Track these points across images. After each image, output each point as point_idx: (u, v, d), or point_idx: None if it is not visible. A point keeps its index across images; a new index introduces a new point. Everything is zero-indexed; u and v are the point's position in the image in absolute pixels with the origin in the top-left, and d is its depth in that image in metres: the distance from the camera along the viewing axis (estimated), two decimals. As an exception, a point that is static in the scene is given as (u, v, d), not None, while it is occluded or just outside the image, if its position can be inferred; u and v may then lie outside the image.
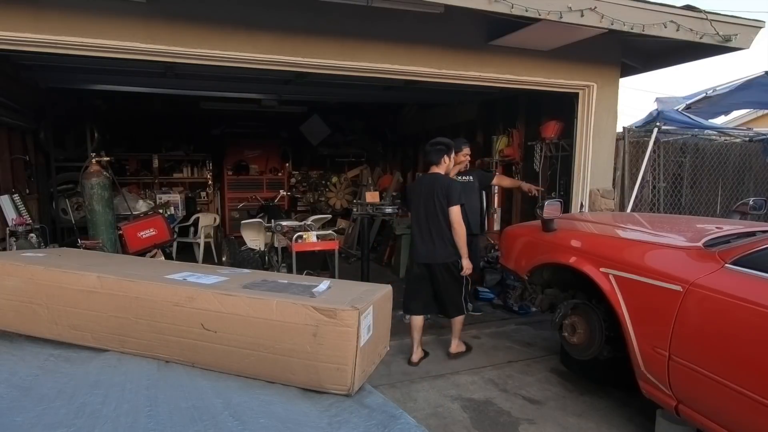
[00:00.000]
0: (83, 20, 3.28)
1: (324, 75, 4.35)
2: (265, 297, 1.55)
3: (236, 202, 9.09)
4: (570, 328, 3.17)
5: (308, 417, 1.34)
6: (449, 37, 4.22)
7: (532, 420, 2.95)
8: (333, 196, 9.49)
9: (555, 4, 3.54)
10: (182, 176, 9.59)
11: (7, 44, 3.22)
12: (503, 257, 4.10)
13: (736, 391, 2.03)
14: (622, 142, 5.09)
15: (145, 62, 3.83)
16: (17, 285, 1.75)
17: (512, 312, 4.94)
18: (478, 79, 4.50)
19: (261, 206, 7.16)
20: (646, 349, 2.51)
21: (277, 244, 5.02)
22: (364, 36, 3.98)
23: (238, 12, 3.60)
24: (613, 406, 3.11)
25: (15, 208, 4.55)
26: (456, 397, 3.21)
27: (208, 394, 1.41)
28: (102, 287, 1.67)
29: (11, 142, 5.06)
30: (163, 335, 1.61)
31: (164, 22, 3.46)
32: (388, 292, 1.80)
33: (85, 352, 1.68)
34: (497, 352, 3.98)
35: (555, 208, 3.55)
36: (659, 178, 5.34)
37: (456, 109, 7.52)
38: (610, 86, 4.96)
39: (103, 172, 4.47)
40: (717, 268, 2.31)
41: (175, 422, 1.22)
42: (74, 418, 1.21)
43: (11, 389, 1.36)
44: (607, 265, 2.81)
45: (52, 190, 6.19)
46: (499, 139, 6.42)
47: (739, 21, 4.20)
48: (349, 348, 1.45)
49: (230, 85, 5.97)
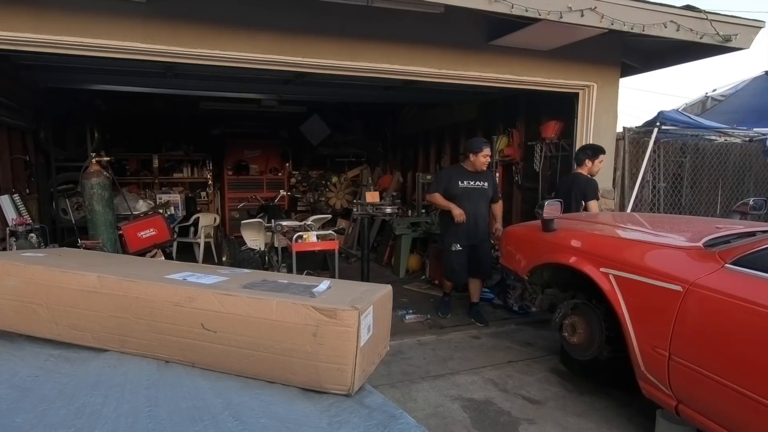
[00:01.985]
0: (83, 20, 3.28)
1: (324, 75, 4.35)
2: (265, 297, 1.55)
3: (236, 202, 9.09)
4: (570, 328, 3.18)
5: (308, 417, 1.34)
6: (449, 37, 4.22)
7: (532, 420, 2.95)
8: (333, 196, 9.49)
9: (555, 4, 3.54)
10: (182, 176, 9.60)
11: (7, 44, 3.23)
12: (503, 257, 4.10)
13: (736, 391, 2.03)
14: (622, 142, 5.09)
15: (145, 62, 3.83)
16: (17, 285, 1.75)
17: (512, 312, 4.93)
18: (478, 79, 4.50)
19: (261, 206, 7.17)
20: (646, 349, 2.51)
21: (277, 244, 5.02)
22: (364, 36, 3.99)
23: (238, 12, 3.60)
24: (613, 406, 3.11)
25: (15, 208, 4.55)
26: (456, 397, 3.21)
27: (208, 394, 1.41)
28: (102, 287, 1.67)
29: (11, 142, 5.06)
30: (163, 335, 1.61)
31: (164, 22, 3.46)
32: (388, 292, 1.80)
33: (85, 352, 1.68)
34: (497, 352, 3.97)
35: (555, 208, 3.55)
36: (659, 178, 5.34)
37: (456, 109, 7.51)
38: (610, 86, 4.96)
39: (103, 172, 4.47)
40: (717, 268, 2.31)
41: (175, 422, 1.22)
42: (74, 418, 1.21)
43: (11, 390, 1.36)
44: (607, 265, 2.80)
45: (52, 190, 6.19)
46: (499, 139, 6.42)
47: (739, 21, 4.20)
48: (349, 348, 1.45)
49: (230, 85, 5.97)
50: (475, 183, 4.43)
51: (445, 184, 4.48)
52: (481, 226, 4.48)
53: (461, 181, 4.41)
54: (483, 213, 4.48)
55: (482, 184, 4.46)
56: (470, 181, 4.43)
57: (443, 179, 4.58)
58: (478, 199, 4.45)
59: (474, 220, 4.41)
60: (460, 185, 4.41)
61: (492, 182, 4.58)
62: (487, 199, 4.52)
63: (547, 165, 5.62)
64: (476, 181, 4.44)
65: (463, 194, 4.39)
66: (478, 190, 4.45)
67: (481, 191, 4.47)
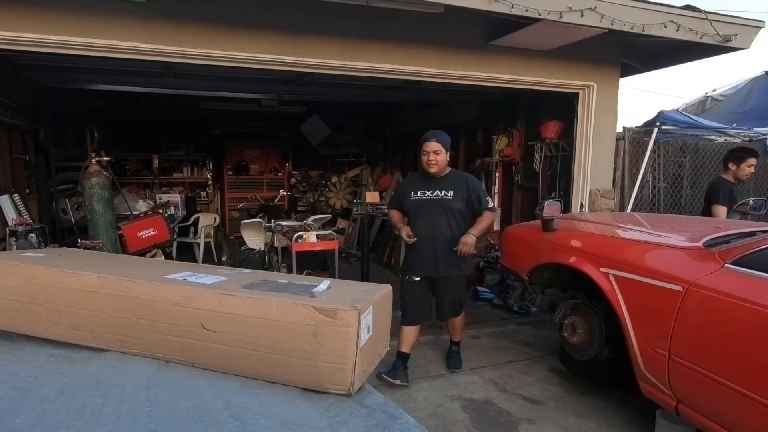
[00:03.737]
0: (83, 20, 3.28)
1: (324, 75, 4.35)
2: (265, 297, 1.55)
3: (236, 202, 9.09)
4: (570, 328, 3.18)
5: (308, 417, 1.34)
6: (449, 37, 4.22)
7: (532, 420, 2.95)
8: (333, 196, 9.49)
9: (555, 4, 3.54)
10: (182, 176, 9.60)
11: (7, 44, 3.22)
12: (503, 257, 4.10)
13: (736, 391, 2.03)
14: (622, 142, 5.09)
15: (145, 62, 3.83)
16: (17, 285, 1.75)
17: (512, 312, 4.94)
18: (478, 79, 4.50)
19: (261, 206, 7.17)
20: (646, 349, 2.51)
21: (277, 244, 5.02)
22: (364, 36, 3.98)
23: (238, 12, 3.60)
24: (613, 406, 3.11)
25: (15, 208, 4.55)
26: (456, 397, 3.21)
27: (208, 394, 1.41)
28: (102, 287, 1.67)
29: (11, 142, 5.06)
30: (163, 335, 1.61)
31: (164, 22, 3.46)
32: (388, 292, 1.80)
33: (85, 352, 1.68)
34: (497, 352, 3.98)
35: (555, 208, 3.55)
36: (659, 178, 5.34)
37: (456, 109, 7.52)
38: (610, 86, 4.96)
39: (103, 172, 4.47)
40: (717, 268, 2.31)
41: (175, 423, 1.22)
42: (74, 418, 1.21)
43: (11, 390, 1.36)
44: (607, 265, 2.81)
45: (52, 190, 6.19)
46: (499, 139, 6.42)
47: (739, 21, 4.20)
48: (349, 348, 1.45)
49: (230, 85, 5.96)
50: (432, 193, 3.23)
51: (401, 198, 3.42)
52: (444, 251, 3.19)
53: (413, 192, 3.29)
54: (447, 233, 3.19)
55: (443, 193, 3.22)
56: (426, 190, 3.26)
57: (399, 192, 3.55)
58: (437, 215, 3.21)
59: (430, 244, 3.20)
60: (412, 197, 3.28)
61: (465, 189, 3.25)
62: (454, 214, 3.21)
63: (547, 165, 5.62)
64: (434, 191, 3.23)
65: (415, 208, 3.28)
66: (436, 201, 3.22)
67: (441, 203, 3.21)
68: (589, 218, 3.96)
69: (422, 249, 3.23)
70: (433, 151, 3.17)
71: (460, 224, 3.23)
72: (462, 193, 3.24)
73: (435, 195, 3.23)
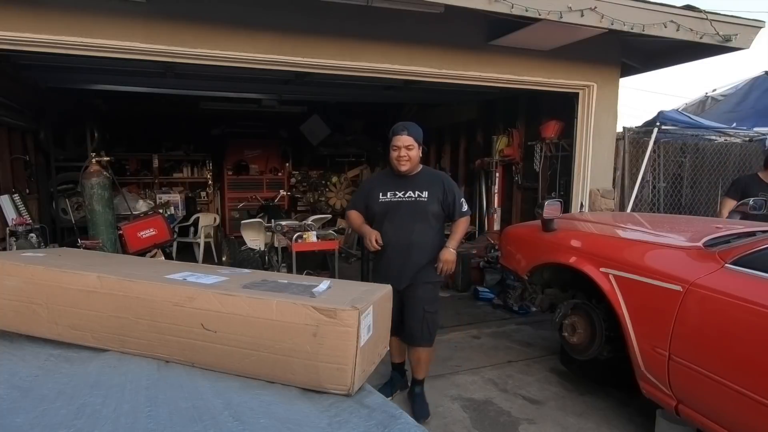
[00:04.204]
0: (83, 20, 3.28)
1: (324, 75, 4.35)
2: (265, 297, 1.55)
3: (236, 202, 9.09)
4: (570, 328, 3.18)
5: (308, 417, 1.34)
6: (449, 37, 4.22)
7: (532, 420, 2.95)
8: (333, 196, 9.49)
9: (555, 4, 3.54)
10: (182, 176, 9.59)
11: (7, 44, 3.23)
12: (503, 257, 4.10)
13: (735, 391, 2.03)
14: (622, 142, 5.09)
15: (145, 62, 3.84)
16: (17, 285, 1.75)
17: (512, 312, 4.94)
18: (478, 79, 4.50)
19: (261, 206, 7.18)
20: (646, 349, 2.51)
21: (277, 244, 5.02)
22: (364, 36, 3.99)
23: (238, 12, 3.60)
24: (613, 406, 3.11)
25: (15, 208, 4.55)
26: (456, 397, 3.21)
27: (208, 394, 1.41)
28: (102, 287, 1.67)
29: (11, 142, 5.06)
30: (163, 335, 1.61)
31: (164, 22, 3.47)
32: (388, 292, 1.80)
33: (85, 352, 1.68)
34: (497, 352, 3.98)
35: (555, 208, 3.55)
36: (659, 178, 5.34)
37: (456, 109, 7.52)
38: (610, 86, 4.96)
39: (103, 172, 4.47)
40: (717, 268, 2.31)
41: (175, 422, 1.22)
42: (74, 418, 1.21)
43: (11, 390, 1.36)
44: (607, 264, 2.81)
45: (52, 190, 6.19)
46: (499, 139, 6.43)
47: (739, 21, 4.21)
48: (349, 348, 1.45)
49: (230, 85, 5.97)
50: (404, 194, 2.84)
51: (364, 198, 3.00)
52: (417, 260, 2.82)
53: (382, 193, 2.88)
54: (420, 240, 2.83)
55: (417, 194, 2.84)
56: (396, 191, 2.86)
57: (363, 190, 3.15)
58: (411, 220, 2.82)
59: (402, 251, 2.82)
60: (381, 198, 2.88)
61: (440, 190, 2.87)
62: (429, 218, 2.84)
63: (547, 165, 5.63)
64: (407, 191, 2.85)
65: (384, 212, 2.87)
66: (409, 204, 2.83)
67: (415, 206, 2.83)
68: (589, 218, 3.96)
69: (393, 257, 2.84)
70: (405, 146, 2.80)
71: (436, 230, 2.89)
72: (437, 195, 2.85)
73: (408, 196, 2.84)
